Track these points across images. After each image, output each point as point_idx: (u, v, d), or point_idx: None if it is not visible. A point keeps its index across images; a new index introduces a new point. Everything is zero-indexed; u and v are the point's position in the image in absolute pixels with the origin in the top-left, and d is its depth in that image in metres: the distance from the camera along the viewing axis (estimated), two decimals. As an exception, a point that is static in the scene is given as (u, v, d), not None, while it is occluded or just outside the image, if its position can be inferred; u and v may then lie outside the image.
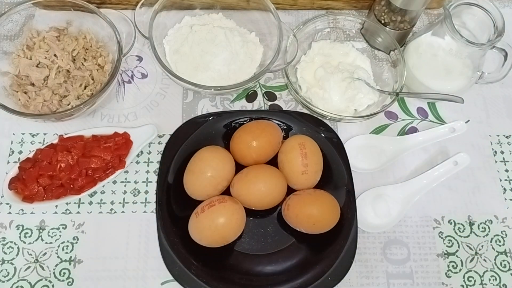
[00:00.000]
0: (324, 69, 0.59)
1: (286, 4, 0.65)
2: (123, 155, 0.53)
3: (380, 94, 0.58)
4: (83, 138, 0.53)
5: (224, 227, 0.46)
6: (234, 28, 0.60)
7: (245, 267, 0.49)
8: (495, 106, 0.62)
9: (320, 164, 0.51)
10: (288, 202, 0.49)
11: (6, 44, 0.56)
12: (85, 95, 0.54)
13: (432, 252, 0.53)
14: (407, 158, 0.57)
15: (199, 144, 0.52)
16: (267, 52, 0.60)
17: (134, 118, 0.57)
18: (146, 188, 0.53)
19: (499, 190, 0.57)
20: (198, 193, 0.49)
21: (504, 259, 0.53)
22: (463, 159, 0.56)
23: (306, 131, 0.54)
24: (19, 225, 0.50)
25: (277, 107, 0.59)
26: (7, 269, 0.48)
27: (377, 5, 0.60)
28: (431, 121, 0.60)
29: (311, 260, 0.49)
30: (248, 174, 0.49)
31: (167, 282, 0.49)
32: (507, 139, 0.60)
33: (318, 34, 0.63)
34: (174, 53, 0.58)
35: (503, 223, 0.55)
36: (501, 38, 0.52)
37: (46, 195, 0.50)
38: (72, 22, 0.58)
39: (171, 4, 0.58)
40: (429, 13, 0.68)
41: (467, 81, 0.58)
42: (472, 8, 0.54)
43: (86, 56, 0.56)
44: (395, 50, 0.59)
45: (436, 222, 0.54)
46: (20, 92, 0.53)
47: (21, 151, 0.54)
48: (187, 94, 0.59)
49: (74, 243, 0.50)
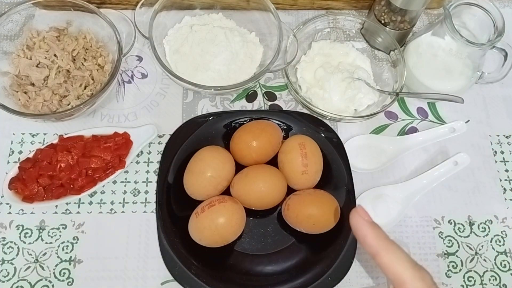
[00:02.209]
0: (324, 69, 0.59)
1: (286, 4, 0.65)
2: (123, 155, 0.53)
3: (380, 94, 0.58)
4: (83, 138, 0.53)
5: (224, 227, 0.46)
6: (234, 28, 0.60)
7: (245, 267, 0.49)
8: (495, 106, 0.62)
9: (320, 164, 0.51)
10: (288, 202, 0.49)
11: (6, 44, 0.56)
12: (85, 95, 0.54)
13: (432, 252, 0.53)
14: (407, 158, 0.57)
15: (199, 144, 0.52)
16: (267, 52, 0.60)
17: (134, 118, 0.57)
18: (146, 188, 0.53)
19: (499, 190, 0.57)
20: (198, 193, 0.49)
21: (504, 259, 0.53)
22: (463, 159, 0.56)
23: (306, 131, 0.54)
24: (19, 225, 0.50)
25: (277, 107, 0.59)
26: (7, 269, 0.48)
27: (377, 5, 0.60)
28: (431, 121, 0.60)
29: (311, 260, 0.49)
30: (248, 174, 0.49)
31: (167, 282, 0.49)
32: (507, 139, 0.60)
33: (318, 34, 0.63)
34: (174, 53, 0.58)
35: (503, 223, 0.55)
36: (501, 38, 0.52)
37: (46, 195, 0.50)
38: (72, 22, 0.58)
39: (171, 4, 0.58)
40: (429, 13, 0.68)
41: (467, 81, 0.58)
42: (472, 8, 0.54)
43: (86, 56, 0.56)
44: (395, 50, 0.59)
45: (436, 222, 0.54)
46: (20, 92, 0.53)
47: (21, 151, 0.54)
48: (187, 94, 0.59)
49: (74, 243, 0.50)
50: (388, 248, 0.33)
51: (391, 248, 0.33)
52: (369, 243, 0.34)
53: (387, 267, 0.32)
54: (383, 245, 0.33)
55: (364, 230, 0.34)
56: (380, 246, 0.33)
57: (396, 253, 0.32)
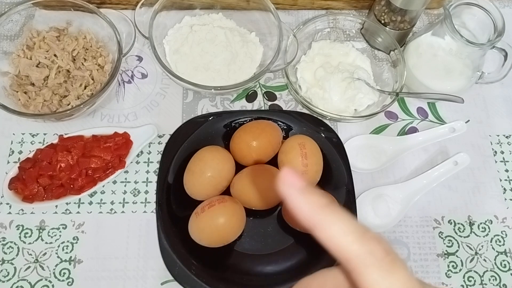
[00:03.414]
0: (324, 69, 0.59)
1: (286, 4, 0.65)
2: (123, 155, 0.53)
3: (380, 94, 0.58)
4: (83, 138, 0.53)
5: (224, 227, 0.46)
6: (234, 28, 0.60)
7: (245, 267, 0.49)
8: (495, 106, 0.62)
9: (320, 164, 0.51)
10: (288, 202, 0.49)
11: (6, 44, 0.56)
12: (85, 95, 0.54)
13: (432, 252, 0.53)
14: (407, 158, 0.57)
15: (199, 144, 0.52)
16: (267, 52, 0.60)
17: (134, 118, 0.57)
18: (146, 188, 0.53)
19: (499, 190, 0.57)
20: (198, 193, 0.49)
21: (504, 259, 0.53)
22: (463, 159, 0.56)
23: (306, 131, 0.54)
24: (19, 225, 0.50)
25: (277, 107, 0.59)
26: (7, 269, 0.48)
27: (377, 5, 0.60)
28: (431, 121, 0.60)
29: (311, 260, 0.49)
30: (248, 174, 0.49)
31: (167, 282, 0.49)
32: (507, 139, 0.60)
33: (318, 34, 0.63)
34: (174, 53, 0.58)
35: (503, 223, 0.55)
36: (501, 38, 0.52)
37: (46, 195, 0.50)
38: (72, 22, 0.58)
39: (171, 4, 0.58)
40: (429, 13, 0.68)
41: (467, 81, 0.58)
42: (472, 8, 0.54)
43: (86, 56, 0.56)
44: (395, 50, 0.59)
45: (436, 222, 0.54)
46: (20, 92, 0.53)
47: (21, 151, 0.54)
48: (187, 94, 0.59)
49: (74, 243, 0.50)
50: (327, 219, 0.25)
51: (331, 218, 0.25)
52: (304, 215, 0.26)
53: (328, 241, 0.25)
54: (321, 215, 0.25)
55: (295, 200, 0.26)
56: (316, 218, 0.25)
57: (338, 224, 0.25)
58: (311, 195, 0.26)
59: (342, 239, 0.24)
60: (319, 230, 0.25)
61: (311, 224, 0.25)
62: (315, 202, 0.26)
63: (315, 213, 0.26)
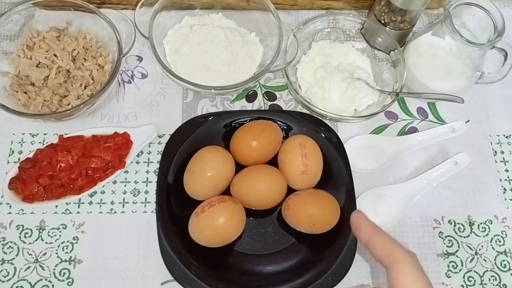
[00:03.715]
0: (324, 69, 0.59)
1: (286, 4, 0.65)
2: (123, 155, 0.53)
3: (380, 94, 0.58)
4: (83, 138, 0.53)
5: (224, 227, 0.46)
6: (234, 28, 0.60)
7: (245, 267, 0.49)
8: (495, 106, 0.62)
9: (320, 164, 0.51)
10: (288, 202, 0.49)
11: (6, 44, 0.56)
12: (85, 95, 0.54)
13: (432, 252, 0.53)
14: (407, 158, 0.57)
15: (199, 144, 0.52)
16: (267, 52, 0.60)
17: (134, 118, 0.57)
18: (146, 188, 0.53)
19: (499, 190, 0.57)
20: (198, 193, 0.49)
21: (504, 259, 0.53)
22: (463, 159, 0.56)
23: (306, 131, 0.54)
24: (19, 225, 0.50)
25: (277, 107, 0.59)
26: (7, 269, 0.48)
27: (377, 5, 0.60)
28: (431, 121, 0.60)
29: (311, 260, 0.49)
30: (248, 174, 0.49)
31: (167, 282, 0.49)
32: (507, 139, 0.60)
33: (318, 34, 0.63)
34: (174, 53, 0.58)
35: (503, 223, 0.55)
36: (501, 38, 0.52)
37: (46, 195, 0.50)
38: (72, 22, 0.58)
39: (171, 4, 0.58)
40: (429, 13, 0.68)
41: (467, 81, 0.58)
42: (472, 8, 0.54)
43: (86, 56, 0.56)
44: (395, 50, 0.59)
45: (436, 222, 0.54)
46: (20, 92, 0.53)
47: (21, 151, 0.54)
48: (187, 94, 0.59)
49: (74, 243, 0.50)
50: (380, 233, 0.38)
51: (383, 234, 0.38)
52: (364, 229, 0.38)
53: (377, 246, 0.37)
54: (376, 231, 0.38)
55: (361, 221, 0.39)
56: (373, 232, 0.38)
57: (387, 237, 0.37)
58: (373, 222, 0.39)
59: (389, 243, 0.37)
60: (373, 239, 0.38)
61: (368, 236, 0.38)
62: (375, 226, 0.39)
63: (373, 229, 0.38)
